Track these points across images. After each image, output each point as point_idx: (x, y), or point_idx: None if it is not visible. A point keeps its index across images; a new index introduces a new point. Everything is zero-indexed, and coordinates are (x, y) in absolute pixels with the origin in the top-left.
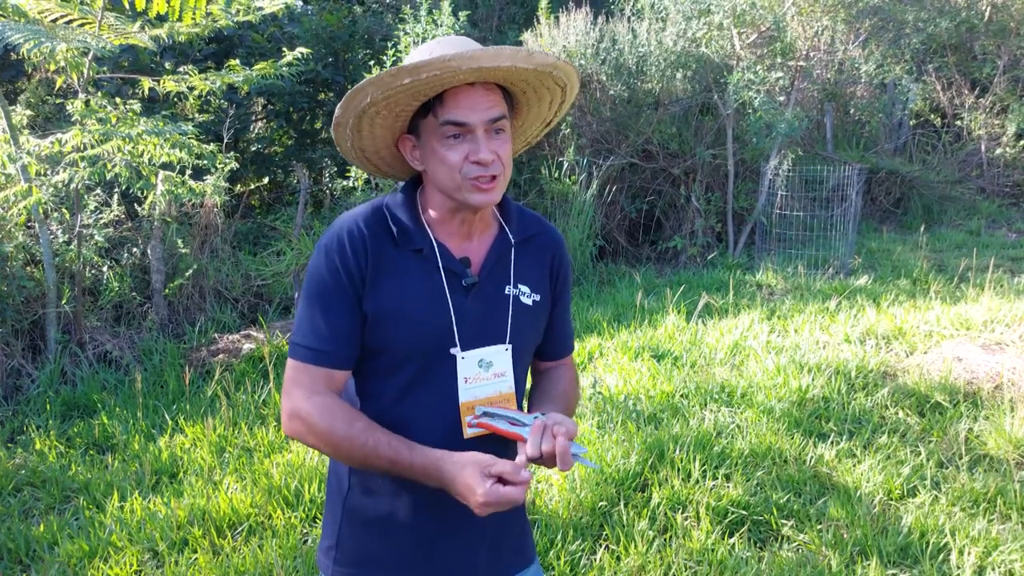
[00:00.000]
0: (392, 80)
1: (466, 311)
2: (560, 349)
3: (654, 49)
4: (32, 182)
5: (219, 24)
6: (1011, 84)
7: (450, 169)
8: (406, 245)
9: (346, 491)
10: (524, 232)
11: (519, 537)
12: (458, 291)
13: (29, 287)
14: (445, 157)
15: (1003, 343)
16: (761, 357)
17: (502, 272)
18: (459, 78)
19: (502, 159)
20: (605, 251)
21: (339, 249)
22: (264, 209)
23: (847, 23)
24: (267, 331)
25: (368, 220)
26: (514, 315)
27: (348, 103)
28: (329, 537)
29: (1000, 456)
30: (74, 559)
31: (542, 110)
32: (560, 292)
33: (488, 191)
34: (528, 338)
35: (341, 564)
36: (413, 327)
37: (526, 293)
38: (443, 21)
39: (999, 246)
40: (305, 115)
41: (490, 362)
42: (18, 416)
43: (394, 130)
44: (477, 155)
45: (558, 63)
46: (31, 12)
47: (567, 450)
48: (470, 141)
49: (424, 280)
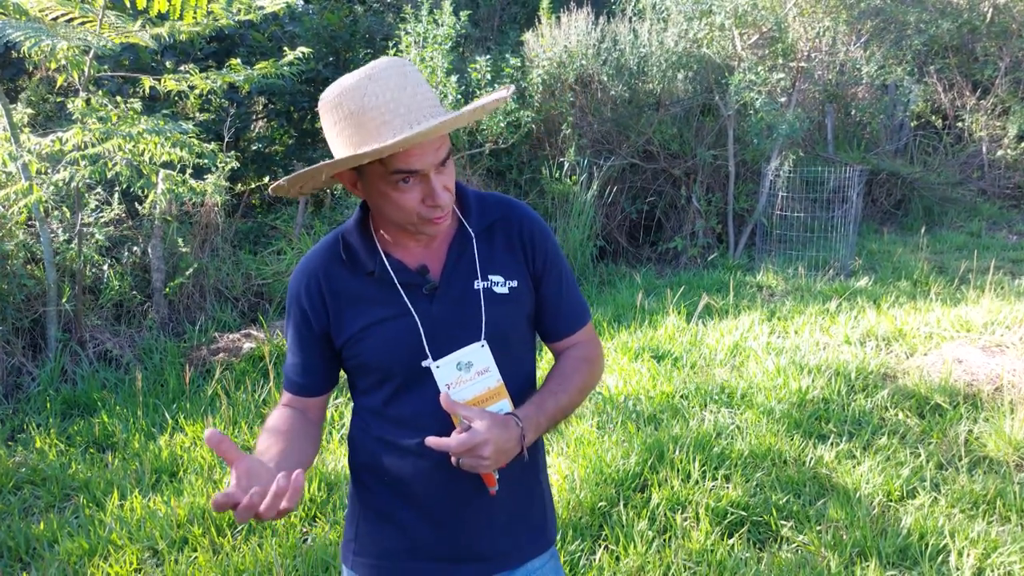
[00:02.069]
0: (353, 162)
1: (434, 318)
2: (564, 325)
3: (655, 49)
4: (33, 180)
5: (220, 23)
6: (1012, 86)
7: (405, 212)
8: (358, 270)
9: (361, 485)
10: (485, 220)
11: (538, 522)
12: (421, 301)
13: (30, 285)
14: (398, 200)
15: (1003, 345)
16: (761, 358)
17: (467, 268)
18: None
19: (451, 190)
20: (605, 252)
21: (296, 297)
22: (265, 208)
23: (848, 24)
24: (267, 330)
25: (324, 257)
26: (488, 309)
27: (299, 180)
28: (349, 530)
29: (1000, 458)
30: (74, 557)
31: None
32: (544, 268)
33: (440, 222)
34: (510, 328)
35: (360, 555)
36: (382, 349)
37: (499, 283)
38: (444, 21)
39: (1000, 248)
40: (306, 114)
41: (469, 363)
42: (18, 414)
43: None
44: (435, 200)
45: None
46: (32, 10)
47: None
48: (422, 182)
49: (384, 300)
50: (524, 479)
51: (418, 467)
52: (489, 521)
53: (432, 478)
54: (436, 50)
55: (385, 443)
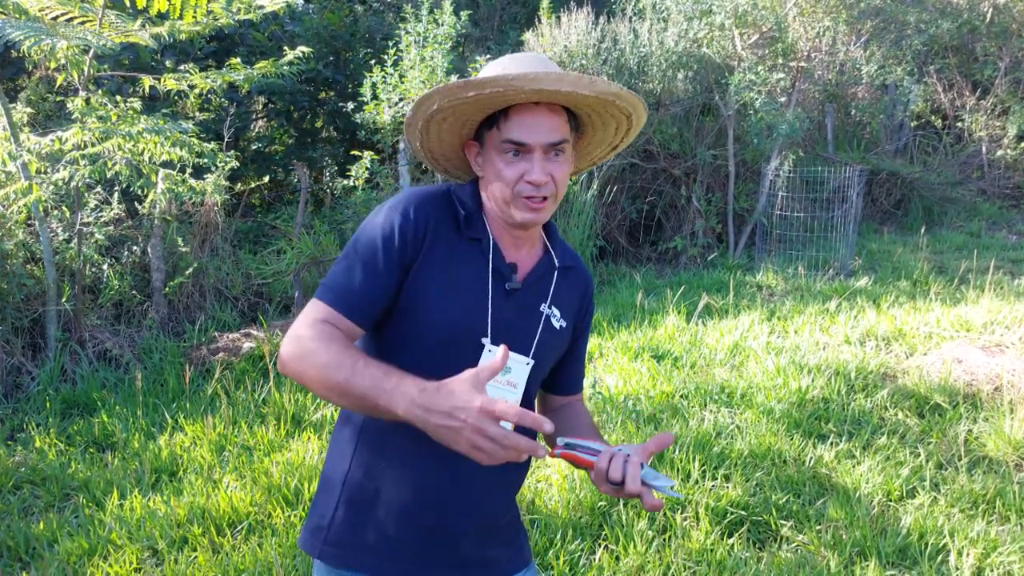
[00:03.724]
0: (458, 91)
1: (502, 313)
2: (575, 383)
3: (655, 49)
4: (32, 180)
5: (220, 22)
6: (1012, 86)
7: (504, 184)
8: (467, 231)
9: (347, 471)
10: (566, 260)
11: (515, 537)
12: (500, 292)
13: (29, 285)
14: (501, 171)
15: (1003, 345)
16: (761, 358)
17: (542, 289)
18: (521, 97)
19: (556, 181)
20: (605, 251)
21: (403, 214)
22: (264, 208)
23: (848, 24)
24: (267, 330)
25: (437, 199)
26: (543, 333)
27: (417, 107)
28: (321, 517)
29: (999, 458)
30: (73, 557)
31: (607, 134)
32: (583, 328)
33: (537, 211)
34: (549, 359)
35: (331, 544)
36: (450, 310)
37: (557, 316)
38: (444, 20)
39: (999, 248)
40: (306, 114)
41: (509, 368)
42: (18, 414)
43: (460, 136)
44: (531, 176)
45: (621, 92)
46: (32, 9)
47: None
48: (527, 160)
49: (473, 270)
50: (511, 498)
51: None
52: (476, 533)
53: (435, 475)
54: (436, 50)
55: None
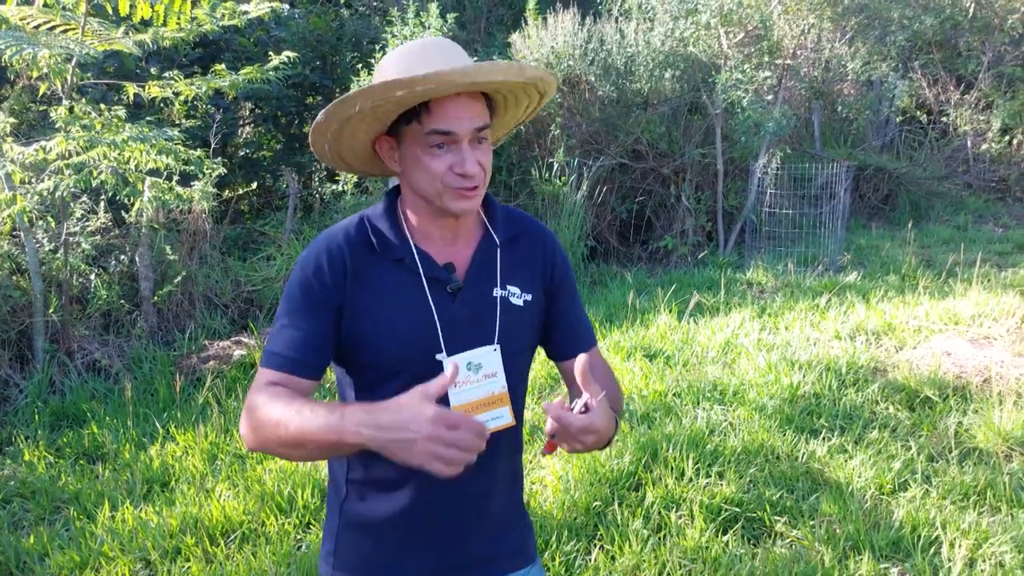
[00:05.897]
0: (384, 92)
1: (452, 316)
2: (575, 344)
3: (642, 49)
4: (16, 190)
5: (204, 29)
6: (995, 80)
7: (433, 177)
8: (386, 255)
9: (343, 497)
10: (509, 232)
11: (520, 536)
12: (443, 297)
13: (15, 296)
14: (429, 165)
15: (991, 337)
16: (752, 355)
17: (488, 274)
18: (451, 90)
19: (484, 168)
20: (596, 252)
21: (315, 264)
22: (253, 214)
23: (833, 21)
24: (258, 337)
25: (348, 234)
26: (503, 316)
27: (334, 112)
28: (328, 543)
29: (989, 449)
30: (65, 570)
31: (518, 113)
32: (557, 286)
33: (470, 198)
34: (521, 338)
35: (340, 569)
36: (396, 335)
37: (516, 294)
38: (431, 23)
39: (986, 241)
40: (293, 119)
41: (479, 364)
42: (6, 427)
43: (374, 132)
44: (463, 168)
45: (545, 75)
46: (13, 19)
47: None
48: (454, 152)
49: (406, 289)
50: (512, 491)
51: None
52: (479, 536)
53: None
54: None
55: None
